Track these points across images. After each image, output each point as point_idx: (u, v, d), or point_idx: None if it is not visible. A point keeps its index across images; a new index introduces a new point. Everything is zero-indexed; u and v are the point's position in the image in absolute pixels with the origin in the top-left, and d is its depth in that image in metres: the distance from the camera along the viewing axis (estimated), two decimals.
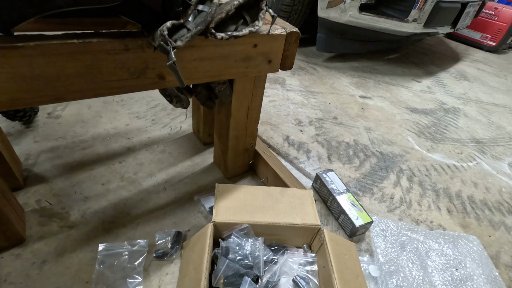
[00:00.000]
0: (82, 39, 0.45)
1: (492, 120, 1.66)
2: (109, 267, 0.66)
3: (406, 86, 1.90)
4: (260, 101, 0.82)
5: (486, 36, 2.99)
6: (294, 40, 0.70)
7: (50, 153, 0.96)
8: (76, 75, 0.47)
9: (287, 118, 1.35)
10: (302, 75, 1.79)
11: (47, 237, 0.73)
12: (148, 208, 0.83)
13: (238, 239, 0.68)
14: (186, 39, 0.48)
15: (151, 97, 1.31)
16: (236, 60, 0.64)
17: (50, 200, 0.81)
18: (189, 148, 1.07)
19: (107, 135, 1.07)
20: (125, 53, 0.49)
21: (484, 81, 2.22)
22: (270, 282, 0.66)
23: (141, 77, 0.54)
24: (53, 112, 1.14)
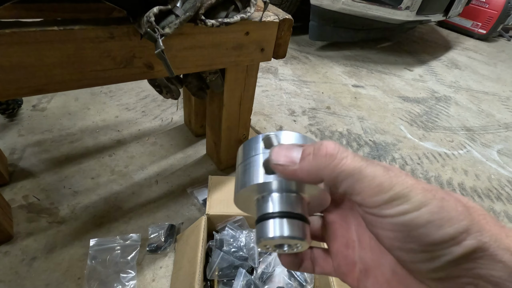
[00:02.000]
0: (63, 26, 0.42)
1: (482, 108, 1.67)
2: (102, 262, 0.65)
3: (399, 74, 1.90)
4: (252, 91, 0.80)
5: (477, 24, 3.00)
6: (287, 28, 0.68)
7: (37, 147, 0.93)
8: (58, 65, 0.44)
9: (280, 108, 1.33)
10: (295, 64, 1.77)
11: (36, 233, 0.71)
12: (140, 202, 0.82)
13: (232, 231, 0.67)
14: (175, 26, 0.46)
15: (141, 88, 1.28)
16: (227, 48, 0.62)
17: (38, 196, 0.79)
18: (181, 140, 1.05)
19: (95, 127, 1.04)
20: (110, 41, 0.47)
21: (475, 69, 2.24)
22: (265, 273, 0.66)
23: (128, 67, 0.51)
24: (38, 104, 1.10)
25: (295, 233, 0.20)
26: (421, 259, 0.17)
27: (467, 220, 0.16)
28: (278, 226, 0.20)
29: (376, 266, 0.22)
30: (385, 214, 0.17)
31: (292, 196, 0.21)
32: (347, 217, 0.25)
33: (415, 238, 0.16)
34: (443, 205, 0.16)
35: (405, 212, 0.16)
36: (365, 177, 0.17)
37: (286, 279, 0.66)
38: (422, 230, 0.16)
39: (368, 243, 0.23)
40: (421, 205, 0.16)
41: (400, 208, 0.16)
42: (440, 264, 0.16)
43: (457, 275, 0.17)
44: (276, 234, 0.20)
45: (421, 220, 0.16)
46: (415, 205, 0.16)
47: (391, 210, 0.17)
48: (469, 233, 0.16)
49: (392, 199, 0.17)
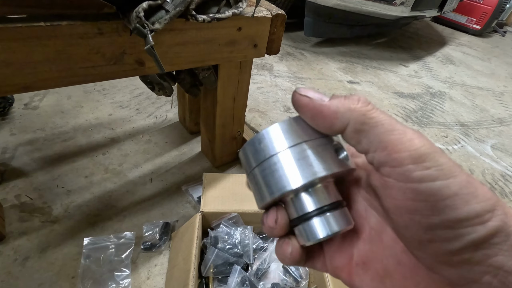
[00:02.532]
0: (50, 21, 0.41)
1: (476, 103, 1.68)
2: (95, 261, 0.65)
3: (394, 70, 1.90)
4: (246, 88, 0.80)
5: (472, 20, 3.01)
6: (280, 23, 0.67)
7: (29, 146, 0.91)
8: (46, 62, 0.44)
9: (276, 105, 1.33)
10: (290, 61, 1.77)
11: (29, 233, 0.70)
12: (134, 200, 0.81)
13: (227, 228, 0.67)
14: (165, 21, 0.45)
15: (135, 86, 1.27)
16: (220, 44, 0.61)
17: (31, 195, 0.78)
18: (176, 137, 1.04)
19: (89, 125, 1.03)
20: (99, 37, 0.46)
21: (469, 65, 2.25)
22: (260, 270, 0.66)
23: (118, 63, 0.51)
24: (30, 103, 1.08)
25: (342, 225, 0.20)
26: (441, 237, 0.15)
27: (494, 199, 0.15)
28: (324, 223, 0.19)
29: (376, 258, 0.20)
30: (411, 176, 0.15)
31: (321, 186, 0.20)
32: None
33: (439, 210, 0.15)
34: (470, 180, 0.15)
35: (434, 179, 0.15)
36: (396, 130, 0.16)
37: (281, 275, 0.67)
38: (448, 202, 0.15)
39: (367, 234, 0.21)
40: (450, 174, 0.15)
41: (429, 172, 0.15)
42: (461, 245, 0.15)
43: (476, 261, 0.15)
44: (326, 233, 0.19)
45: (449, 190, 0.15)
46: (445, 173, 0.15)
47: (418, 173, 0.15)
48: (494, 213, 0.15)
49: (422, 159, 0.15)
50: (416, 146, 0.15)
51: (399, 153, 0.16)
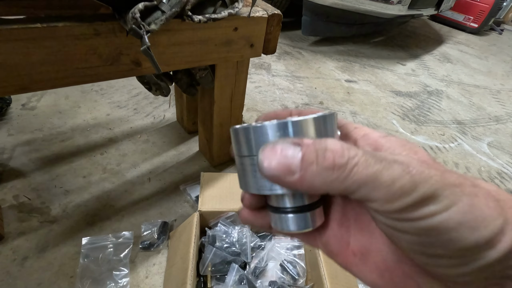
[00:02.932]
0: (46, 23, 0.42)
1: (473, 101, 1.69)
2: (94, 260, 0.65)
3: (391, 69, 1.90)
4: (244, 87, 0.80)
5: (469, 18, 3.02)
6: (276, 23, 0.68)
7: (27, 146, 0.92)
8: (43, 63, 0.44)
9: (273, 104, 1.33)
10: (287, 60, 1.77)
11: (28, 233, 0.70)
12: (132, 200, 0.81)
13: (225, 227, 0.68)
14: (161, 22, 0.46)
15: (132, 86, 1.27)
16: (216, 44, 0.61)
17: (29, 195, 0.78)
18: (174, 137, 1.04)
19: (86, 126, 1.03)
20: (96, 38, 0.46)
21: (466, 63, 2.26)
22: (258, 268, 0.66)
23: (115, 64, 0.51)
24: (28, 103, 1.08)
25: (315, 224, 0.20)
26: (447, 264, 0.15)
27: (501, 217, 0.14)
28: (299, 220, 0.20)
29: (377, 252, 0.19)
30: (408, 217, 0.14)
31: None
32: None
33: (444, 243, 0.14)
34: (473, 203, 0.14)
35: (433, 214, 0.14)
36: (382, 184, 0.14)
37: (278, 273, 0.67)
38: (452, 234, 0.14)
39: (367, 226, 0.20)
40: (451, 204, 0.14)
41: (426, 210, 0.14)
42: (470, 270, 0.14)
43: (485, 277, 0.14)
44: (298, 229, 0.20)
45: (451, 222, 0.14)
46: (444, 205, 0.14)
47: (416, 213, 0.14)
48: (504, 232, 0.13)
49: (416, 202, 0.14)
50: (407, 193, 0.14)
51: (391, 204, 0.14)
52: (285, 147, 0.16)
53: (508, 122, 1.54)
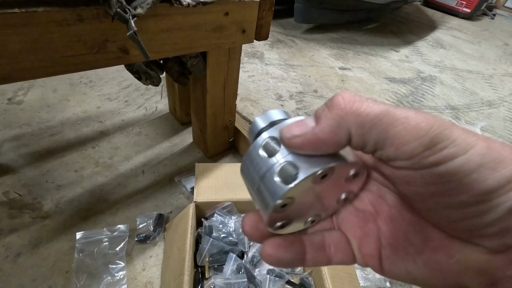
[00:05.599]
0: (25, 8, 0.39)
1: (466, 86, 1.70)
2: (89, 254, 0.64)
3: (385, 56, 1.89)
4: (236, 75, 0.79)
5: (462, 3, 3.00)
6: (269, 7, 0.66)
7: (15, 141, 0.89)
8: (23, 51, 0.42)
9: (267, 93, 1.32)
10: (281, 48, 1.74)
11: (20, 229, 0.69)
12: (127, 193, 0.80)
13: (221, 217, 0.67)
14: (147, 5, 0.44)
15: (123, 77, 1.24)
16: (207, 30, 0.59)
17: (19, 191, 0.76)
18: (167, 128, 1.03)
19: (76, 119, 1.00)
20: (79, 24, 0.44)
21: (459, 49, 2.25)
22: (256, 257, 0.66)
23: (101, 52, 0.49)
24: (14, 97, 1.05)
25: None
26: (475, 212, 0.14)
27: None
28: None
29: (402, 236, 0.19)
30: (427, 162, 0.14)
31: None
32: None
33: (467, 187, 0.14)
34: (490, 146, 0.14)
35: (453, 157, 0.14)
36: (397, 119, 0.14)
37: None
38: (474, 176, 0.13)
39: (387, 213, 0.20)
40: (468, 147, 0.14)
41: (445, 152, 0.14)
42: (498, 215, 0.14)
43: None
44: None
45: (472, 164, 0.13)
46: (462, 147, 0.14)
47: (434, 157, 0.14)
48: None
49: (434, 142, 0.14)
50: (424, 131, 0.14)
51: (408, 145, 0.14)
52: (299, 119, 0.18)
53: (500, 107, 1.55)
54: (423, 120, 0.14)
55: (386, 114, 0.15)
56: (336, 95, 0.16)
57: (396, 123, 0.14)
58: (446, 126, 0.14)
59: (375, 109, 0.15)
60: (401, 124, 0.14)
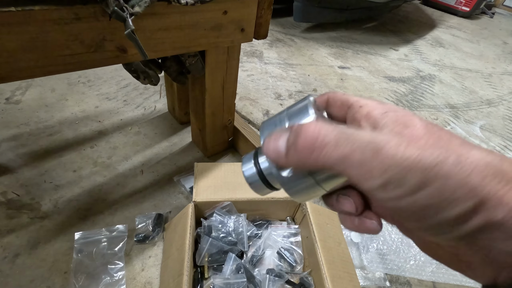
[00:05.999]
0: (21, 6, 0.39)
1: (465, 85, 1.70)
2: (88, 255, 0.64)
3: (384, 54, 1.89)
4: (235, 74, 0.78)
5: (461, 2, 3.00)
6: (267, 6, 0.65)
7: (13, 141, 0.89)
8: (20, 50, 0.41)
9: (266, 92, 1.31)
10: (280, 47, 1.74)
11: (18, 230, 0.68)
12: (125, 193, 0.80)
13: (221, 216, 0.67)
14: (145, 4, 0.43)
15: (121, 76, 1.23)
16: (205, 29, 0.59)
17: (17, 191, 0.76)
18: (166, 128, 1.02)
19: (75, 119, 1.00)
20: (76, 23, 0.44)
21: (459, 47, 2.25)
22: (255, 256, 0.66)
23: (99, 51, 0.48)
24: (12, 97, 1.04)
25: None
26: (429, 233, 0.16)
27: (476, 198, 0.14)
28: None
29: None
30: (380, 197, 0.16)
31: None
32: None
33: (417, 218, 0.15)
34: (445, 185, 0.14)
35: (399, 197, 0.15)
36: (352, 166, 0.15)
37: (276, 261, 0.67)
38: (421, 213, 0.15)
39: None
40: (418, 189, 0.14)
41: (393, 193, 0.15)
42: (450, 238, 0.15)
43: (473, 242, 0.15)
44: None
45: (417, 204, 0.15)
46: (411, 189, 0.14)
47: (384, 195, 0.15)
48: (476, 212, 0.14)
49: (384, 185, 0.15)
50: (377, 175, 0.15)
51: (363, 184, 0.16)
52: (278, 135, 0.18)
53: (499, 105, 1.55)
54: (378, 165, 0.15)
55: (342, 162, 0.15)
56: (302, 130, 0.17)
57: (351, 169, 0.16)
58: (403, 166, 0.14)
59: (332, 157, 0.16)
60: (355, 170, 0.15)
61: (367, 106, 0.19)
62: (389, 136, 0.15)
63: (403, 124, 0.17)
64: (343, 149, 0.15)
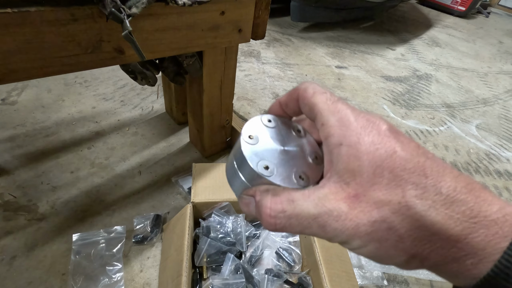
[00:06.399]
0: (17, 7, 0.39)
1: (461, 84, 1.71)
2: (86, 256, 0.64)
3: (381, 54, 1.90)
4: (233, 75, 0.78)
5: (456, 1, 3.02)
6: (265, 6, 0.65)
7: (9, 142, 0.88)
8: (17, 52, 0.41)
9: (264, 92, 1.31)
10: (277, 47, 1.74)
11: (15, 232, 0.68)
12: (123, 194, 0.80)
13: (219, 217, 0.67)
14: (142, 5, 0.43)
15: (118, 77, 1.23)
16: (203, 29, 0.59)
17: (14, 193, 0.75)
18: (163, 128, 1.02)
19: (72, 120, 0.99)
20: (73, 24, 0.43)
21: (455, 47, 2.27)
22: (254, 256, 0.66)
23: (96, 52, 0.48)
24: (8, 98, 1.04)
25: None
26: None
27: (407, 255, 0.16)
28: None
29: None
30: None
31: None
32: None
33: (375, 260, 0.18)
34: (380, 247, 0.16)
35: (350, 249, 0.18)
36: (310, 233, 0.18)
37: (274, 261, 0.67)
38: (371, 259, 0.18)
39: None
40: (360, 247, 0.17)
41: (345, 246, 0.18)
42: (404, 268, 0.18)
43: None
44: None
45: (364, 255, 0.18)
46: (356, 247, 0.17)
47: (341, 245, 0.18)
48: (409, 262, 0.17)
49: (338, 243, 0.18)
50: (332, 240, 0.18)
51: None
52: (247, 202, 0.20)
53: (495, 104, 1.56)
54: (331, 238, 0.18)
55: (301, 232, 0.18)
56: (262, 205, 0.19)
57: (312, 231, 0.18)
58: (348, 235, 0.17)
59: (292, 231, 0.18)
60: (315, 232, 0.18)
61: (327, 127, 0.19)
62: (332, 202, 0.17)
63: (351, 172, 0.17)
64: (297, 228, 0.18)
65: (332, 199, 0.17)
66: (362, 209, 0.16)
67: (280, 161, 0.21)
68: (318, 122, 0.20)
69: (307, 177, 0.21)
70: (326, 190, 0.18)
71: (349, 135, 0.18)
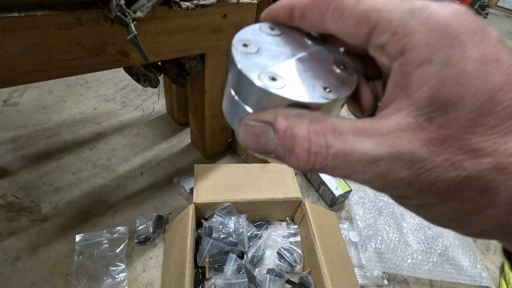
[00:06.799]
0: (24, 12, 0.39)
1: None
2: (89, 257, 0.64)
3: None
4: None
5: (455, 2, 3.03)
6: None
7: (11, 144, 0.88)
8: (23, 55, 0.41)
9: None
10: None
11: (18, 232, 0.68)
12: (125, 194, 0.80)
13: (221, 217, 0.68)
14: (147, 9, 0.44)
15: (119, 78, 1.23)
16: (205, 32, 0.60)
17: (17, 194, 0.76)
18: (165, 129, 1.03)
19: (73, 121, 1.00)
20: (79, 28, 0.44)
21: None
22: (255, 257, 0.67)
23: (100, 55, 0.49)
24: (9, 99, 1.04)
25: None
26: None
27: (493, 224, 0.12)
28: None
29: None
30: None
31: None
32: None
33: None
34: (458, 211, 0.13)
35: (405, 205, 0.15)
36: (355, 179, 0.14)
37: (276, 261, 0.68)
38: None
39: None
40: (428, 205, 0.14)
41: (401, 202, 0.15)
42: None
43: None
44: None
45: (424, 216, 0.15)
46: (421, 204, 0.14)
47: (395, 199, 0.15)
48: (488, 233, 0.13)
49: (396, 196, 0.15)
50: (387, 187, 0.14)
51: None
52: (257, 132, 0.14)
53: None
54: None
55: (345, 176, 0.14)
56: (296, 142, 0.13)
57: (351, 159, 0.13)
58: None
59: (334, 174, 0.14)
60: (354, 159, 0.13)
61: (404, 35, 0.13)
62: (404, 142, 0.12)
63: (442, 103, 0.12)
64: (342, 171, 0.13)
65: (405, 138, 0.12)
66: (449, 158, 0.11)
67: (293, 72, 0.15)
68: (384, 34, 0.13)
69: (337, 90, 0.15)
70: (393, 125, 0.12)
71: (446, 47, 0.12)
